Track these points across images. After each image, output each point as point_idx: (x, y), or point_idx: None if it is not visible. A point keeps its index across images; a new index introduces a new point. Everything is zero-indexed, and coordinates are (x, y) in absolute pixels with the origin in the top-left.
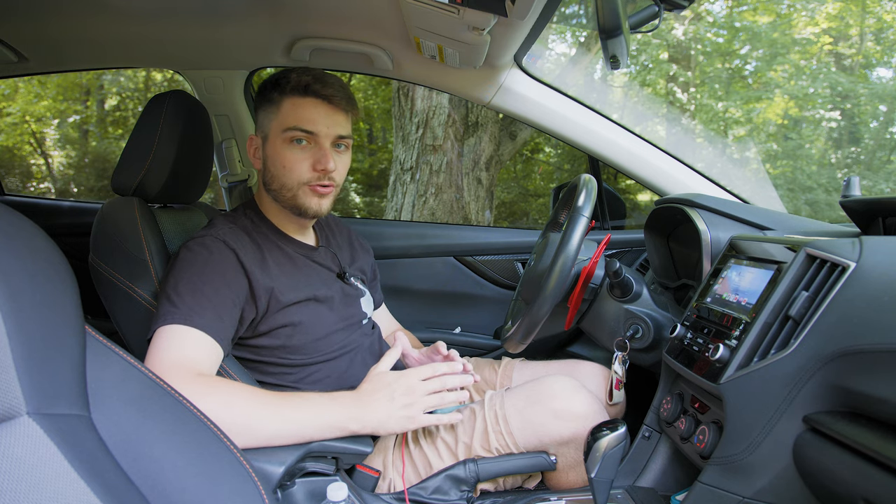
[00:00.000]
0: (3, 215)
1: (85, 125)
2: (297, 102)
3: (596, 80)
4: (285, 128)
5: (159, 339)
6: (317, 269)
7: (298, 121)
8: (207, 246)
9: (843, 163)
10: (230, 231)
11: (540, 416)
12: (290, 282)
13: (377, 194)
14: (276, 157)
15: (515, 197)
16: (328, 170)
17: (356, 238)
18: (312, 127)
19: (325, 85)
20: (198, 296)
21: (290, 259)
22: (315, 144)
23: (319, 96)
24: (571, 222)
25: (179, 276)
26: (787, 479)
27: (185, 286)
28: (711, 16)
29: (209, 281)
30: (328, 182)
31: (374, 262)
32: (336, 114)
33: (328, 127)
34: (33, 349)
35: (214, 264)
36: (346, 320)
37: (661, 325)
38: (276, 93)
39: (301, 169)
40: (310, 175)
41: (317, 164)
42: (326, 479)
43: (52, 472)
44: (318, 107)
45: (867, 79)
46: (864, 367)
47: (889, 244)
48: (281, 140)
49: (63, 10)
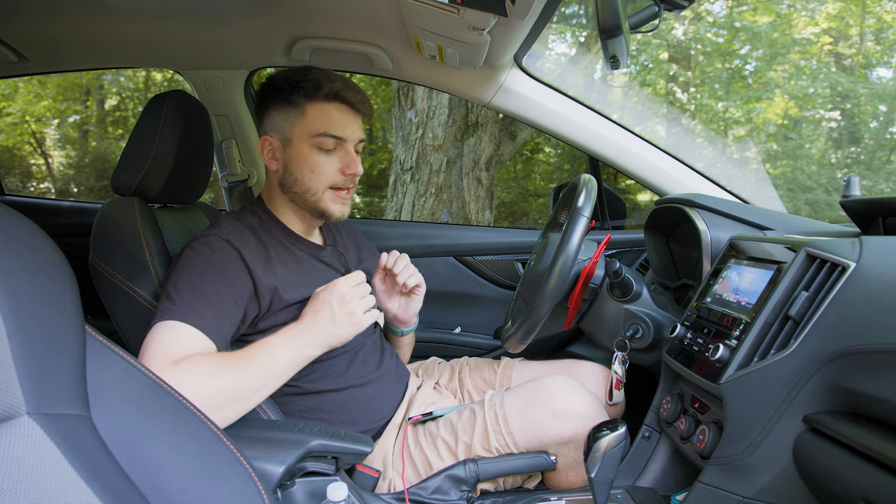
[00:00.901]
0: (3, 215)
1: (85, 125)
2: (326, 108)
3: (596, 80)
4: (315, 133)
5: (154, 333)
6: (323, 268)
7: (329, 127)
8: (210, 245)
9: (843, 163)
10: (234, 230)
11: (540, 415)
12: (295, 281)
13: (377, 194)
14: (301, 162)
15: (515, 197)
16: (357, 173)
17: (363, 240)
18: (342, 133)
19: (354, 91)
20: (197, 294)
21: (295, 258)
22: (342, 150)
23: (348, 103)
24: (571, 222)
25: (180, 274)
26: (787, 479)
27: (185, 285)
28: (711, 16)
29: (209, 280)
30: (351, 185)
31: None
32: (359, 119)
33: (354, 132)
34: (33, 349)
35: (216, 263)
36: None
37: (661, 325)
38: (300, 96)
39: (329, 173)
40: (337, 179)
41: (346, 169)
42: (326, 479)
43: (52, 472)
44: (346, 113)
45: (867, 79)
46: (864, 367)
47: (889, 244)
48: (308, 145)
49: (63, 10)
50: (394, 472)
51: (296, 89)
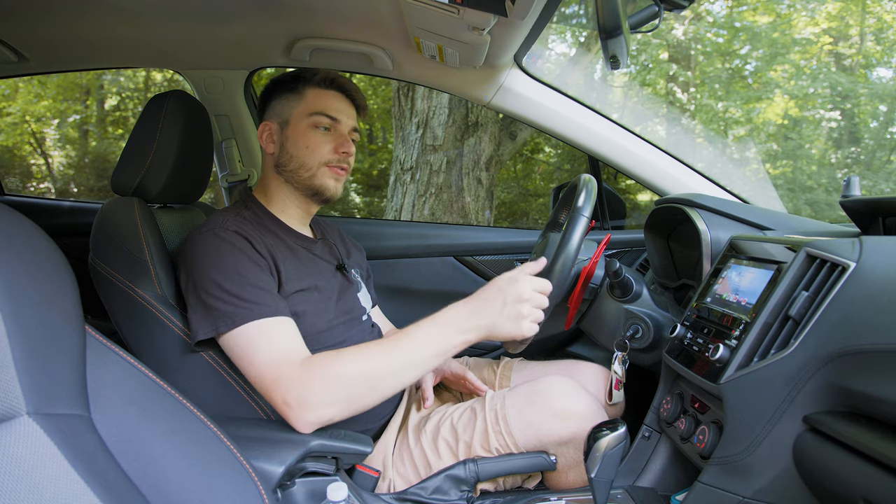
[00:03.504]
0: (3, 215)
1: (85, 125)
2: (322, 93)
3: (596, 80)
4: (311, 112)
5: (243, 343)
6: (317, 260)
7: (325, 108)
8: (227, 239)
9: (843, 163)
10: (236, 221)
11: (539, 416)
12: (293, 271)
13: (377, 194)
14: (297, 139)
15: (515, 197)
16: (350, 152)
17: (348, 238)
18: (336, 114)
19: (348, 81)
20: (247, 287)
21: (291, 249)
22: (336, 131)
23: (342, 90)
24: (571, 222)
25: (212, 275)
26: (787, 479)
27: (231, 282)
28: (711, 16)
29: (248, 269)
30: (345, 165)
31: (368, 264)
32: (353, 109)
33: (348, 117)
34: (33, 349)
35: (239, 253)
36: (347, 314)
37: (661, 325)
38: (299, 83)
39: (324, 150)
40: (330, 156)
41: (339, 147)
42: (326, 479)
43: (53, 472)
44: (341, 99)
45: (867, 79)
46: (865, 367)
47: (889, 244)
48: (305, 124)
49: (63, 10)
50: (394, 472)
51: (297, 79)
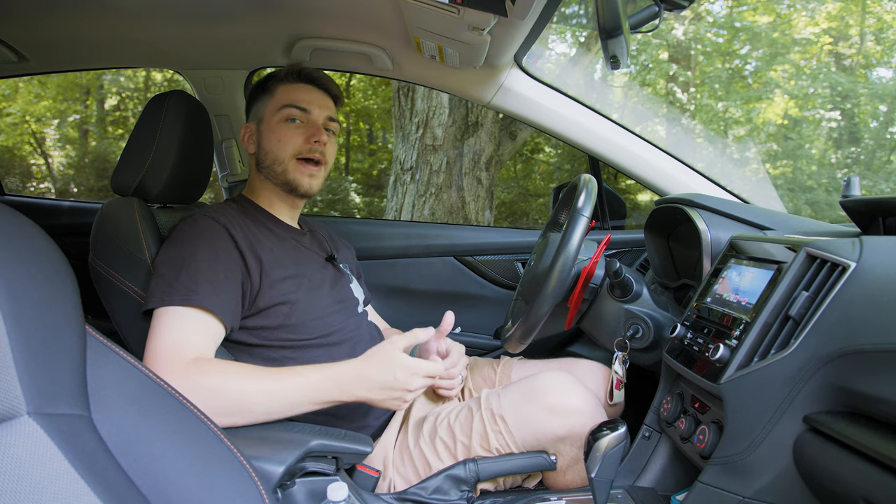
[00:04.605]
0: (3, 215)
1: (85, 125)
2: (291, 86)
3: (596, 80)
4: (281, 106)
5: (157, 322)
6: (305, 251)
7: (294, 100)
8: (197, 224)
9: (843, 163)
10: (218, 209)
11: (535, 412)
12: (279, 258)
13: (377, 194)
14: (270, 134)
15: (515, 197)
16: (322, 141)
17: (337, 236)
18: (307, 105)
19: (317, 72)
20: (191, 272)
21: (279, 239)
22: (308, 122)
23: (312, 82)
24: (571, 222)
25: (172, 254)
26: (788, 479)
27: (178, 264)
28: (711, 16)
29: (203, 258)
30: (318, 156)
31: (358, 263)
32: (326, 98)
33: (320, 108)
34: (33, 349)
35: (205, 240)
36: (341, 303)
37: (661, 325)
38: (271, 82)
39: (295, 142)
40: (302, 147)
41: (311, 137)
42: (326, 479)
43: (53, 472)
44: (311, 91)
45: (867, 79)
46: (865, 367)
47: (889, 244)
48: (277, 119)
49: (63, 10)
50: (394, 471)
51: (270, 78)
